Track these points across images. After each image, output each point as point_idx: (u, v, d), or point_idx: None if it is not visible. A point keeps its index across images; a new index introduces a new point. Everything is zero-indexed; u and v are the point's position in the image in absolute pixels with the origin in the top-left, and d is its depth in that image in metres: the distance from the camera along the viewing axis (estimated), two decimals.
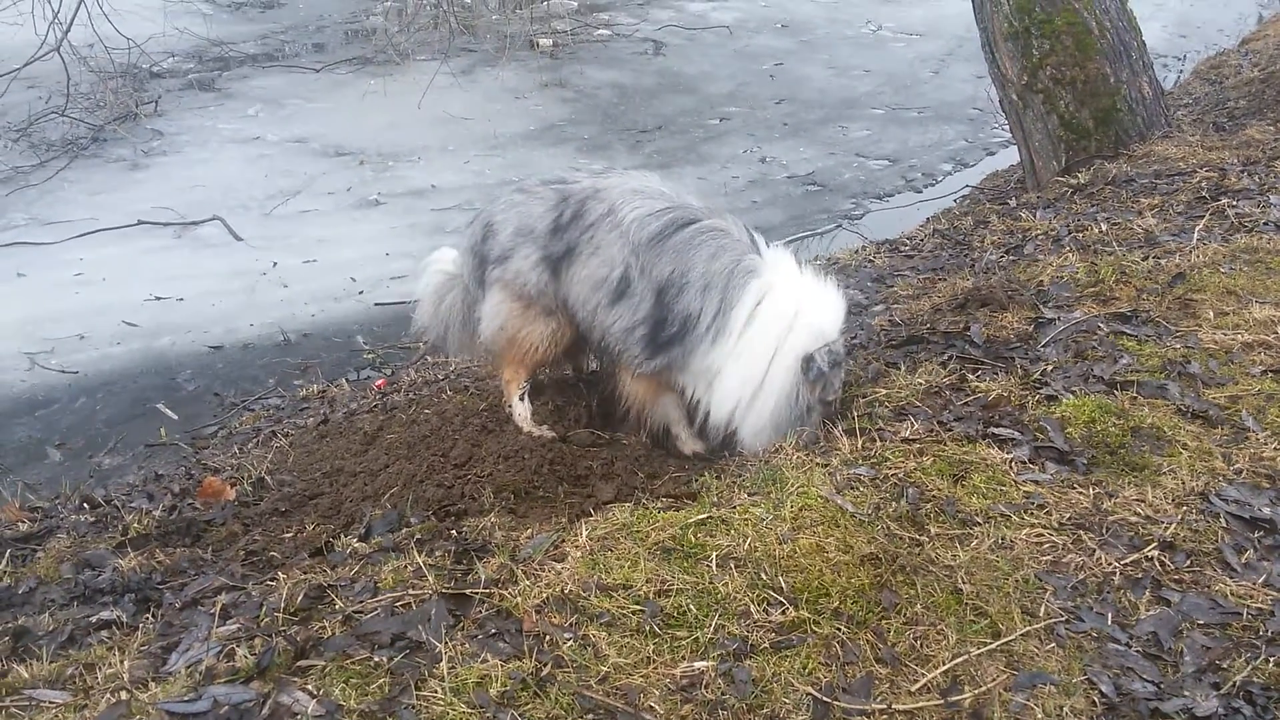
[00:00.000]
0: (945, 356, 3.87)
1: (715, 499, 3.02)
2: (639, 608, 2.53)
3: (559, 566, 2.70)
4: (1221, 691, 2.30)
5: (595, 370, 4.22)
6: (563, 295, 3.57)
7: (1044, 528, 2.83)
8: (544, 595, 2.57)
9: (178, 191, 8.63)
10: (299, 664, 2.35)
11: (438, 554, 2.82)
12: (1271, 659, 2.38)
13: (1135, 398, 3.39)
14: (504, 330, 3.68)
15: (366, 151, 9.76)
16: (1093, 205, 5.64)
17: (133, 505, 3.87)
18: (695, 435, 3.74)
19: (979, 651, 2.41)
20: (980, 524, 2.85)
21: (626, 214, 3.45)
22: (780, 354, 3.35)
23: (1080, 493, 2.98)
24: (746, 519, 2.86)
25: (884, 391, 3.66)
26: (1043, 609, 2.54)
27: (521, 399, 3.73)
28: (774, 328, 3.34)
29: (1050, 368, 3.65)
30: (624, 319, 3.46)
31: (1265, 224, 4.75)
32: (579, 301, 3.54)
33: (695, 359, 3.40)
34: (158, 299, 6.87)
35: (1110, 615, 2.53)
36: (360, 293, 6.96)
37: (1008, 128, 7.31)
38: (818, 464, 3.18)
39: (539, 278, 3.57)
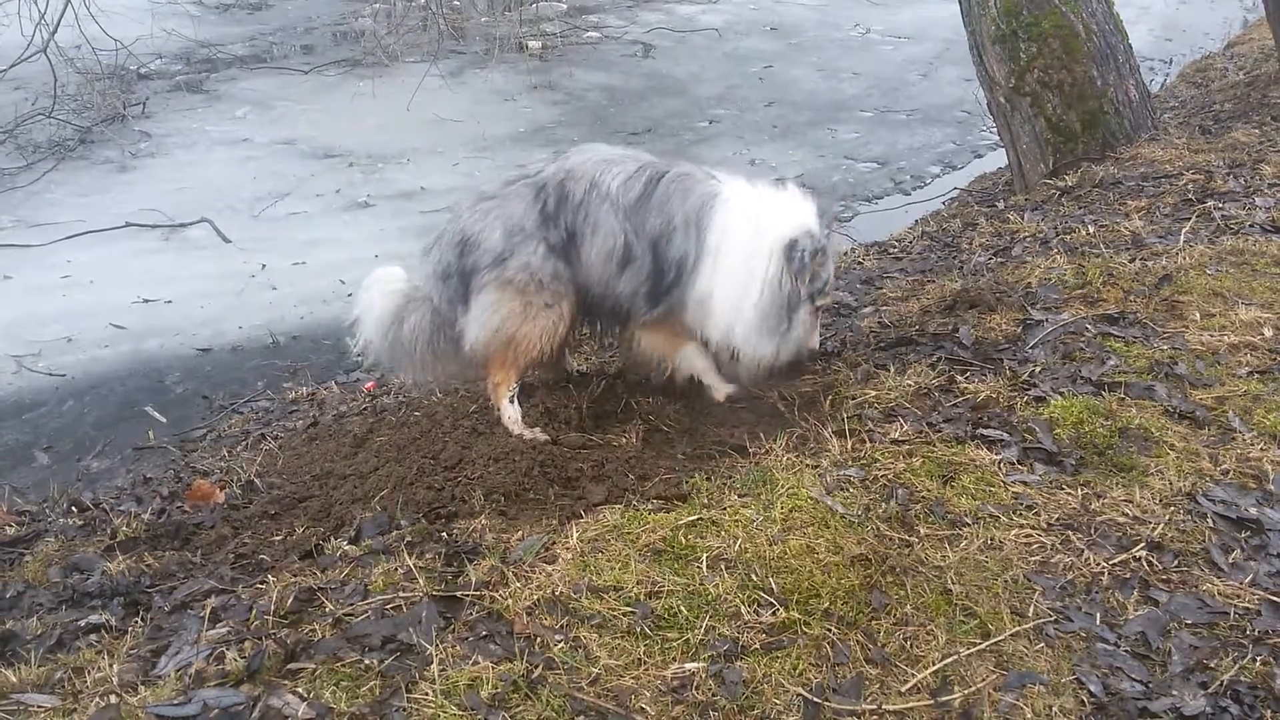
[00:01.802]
0: (934, 358, 3.88)
1: (706, 500, 3.02)
2: (630, 609, 2.53)
3: (550, 568, 2.70)
4: (1209, 691, 2.31)
5: (583, 371, 4.22)
6: (581, 279, 3.64)
7: (1033, 528, 2.84)
8: (535, 597, 2.57)
9: (166, 193, 8.60)
10: (289, 667, 2.35)
11: (428, 556, 2.81)
12: (1258, 658, 2.39)
13: (1123, 399, 3.42)
14: (501, 331, 3.62)
15: (355, 153, 9.74)
16: (1080, 207, 5.67)
17: (121, 508, 3.85)
18: (723, 379, 3.87)
19: (968, 652, 2.43)
20: (969, 525, 2.86)
21: (611, 183, 3.57)
22: (754, 255, 3.47)
23: (1068, 493, 2.99)
24: (737, 520, 2.87)
25: (873, 393, 3.67)
26: (1032, 609, 2.55)
27: (511, 401, 3.72)
28: (743, 234, 3.48)
29: (1038, 369, 3.67)
30: (630, 282, 3.61)
31: (1251, 226, 4.78)
32: (596, 279, 3.63)
33: (690, 294, 3.56)
34: (146, 301, 6.84)
35: (1099, 615, 2.54)
36: (349, 295, 6.87)
37: (995, 130, 7.35)
38: (808, 465, 3.19)
39: (552, 267, 3.57)
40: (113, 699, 2.30)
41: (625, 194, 3.54)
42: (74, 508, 3.95)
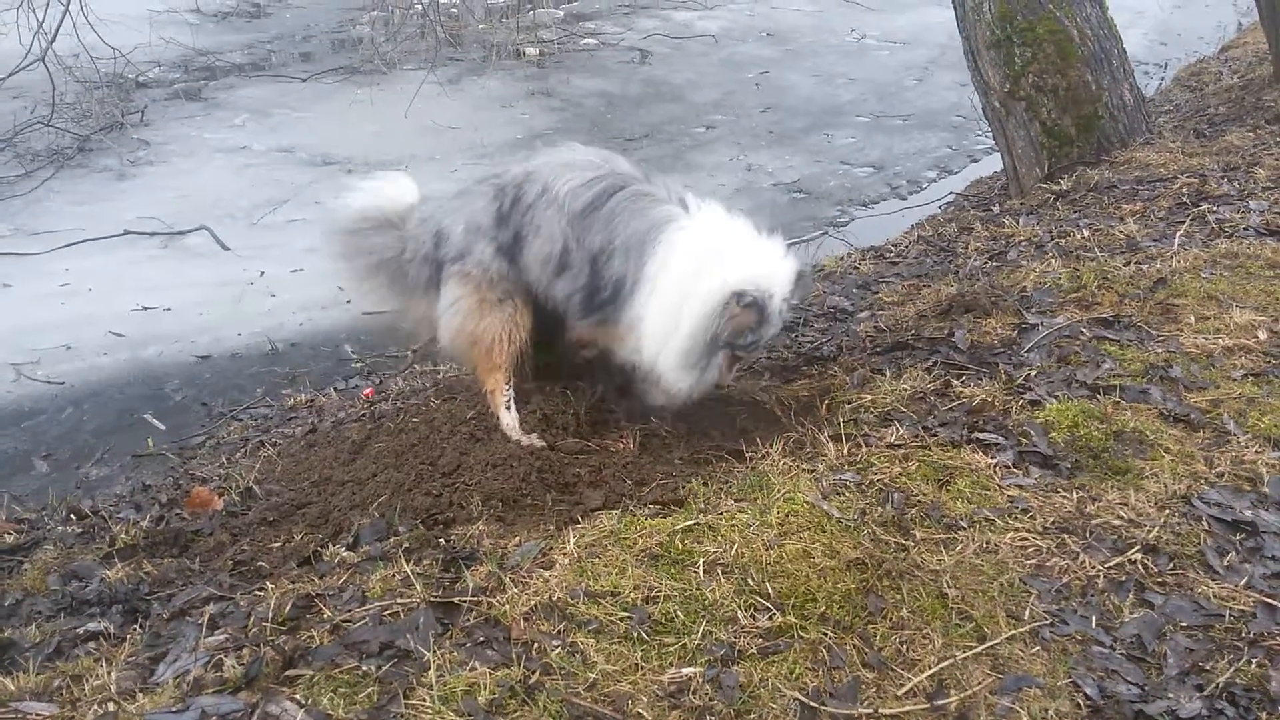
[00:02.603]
0: (930, 362, 3.90)
1: (702, 505, 3.03)
2: (627, 614, 2.54)
3: (547, 574, 2.71)
4: (1205, 693, 2.32)
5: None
6: (524, 280, 3.66)
7: (1028, 532, 2.85)
8: (532, 603, 2.58)
9: (164, 201, 8.60)
10: (287, 673, 2.35)
11: (426, 562, 2.82)
12: (1254, 660, 2.40)
13: (1118, 402, 3.43)
14: (462, 330, 3.71)
15: (354, 160, 9.76)
16: (1075, 211, 5.69)
17: (120, 516, 3.85)
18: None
19: (964, 655, 2.43)
20: (965, 528, 2.87)
21: (560, 189, 3.54)
22: (693, 294, 3.37)
23: (1064, 497, 3.00)
24: (733, 525, 2.88)
25: (869, 397, 3.69)
26: (1027, 612, 2.56)
27: (508, 408, 3.73)
28: (685, 269, 3.38)
29: (1034, 373, 3.68)
30: (565, 288, 3.59)
31: (1245, 229, 4.80)
32: (536, 281, 3.64)
33: (624, 313, 3.50)
34: (144, 309, 6.85)
35: (1094, 618, 2.55)
36: (348, 302, 6.93)
37: (991, 135, 7.37)
38: (804, 470, 3.20)
39: (499, 266, 3.65)
40: (111, 706, 2.31)
41: (572, 201, 3.51)
42: (73, 515, 3.96)
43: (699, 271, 3.37)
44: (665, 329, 3.42)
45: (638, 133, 10.74)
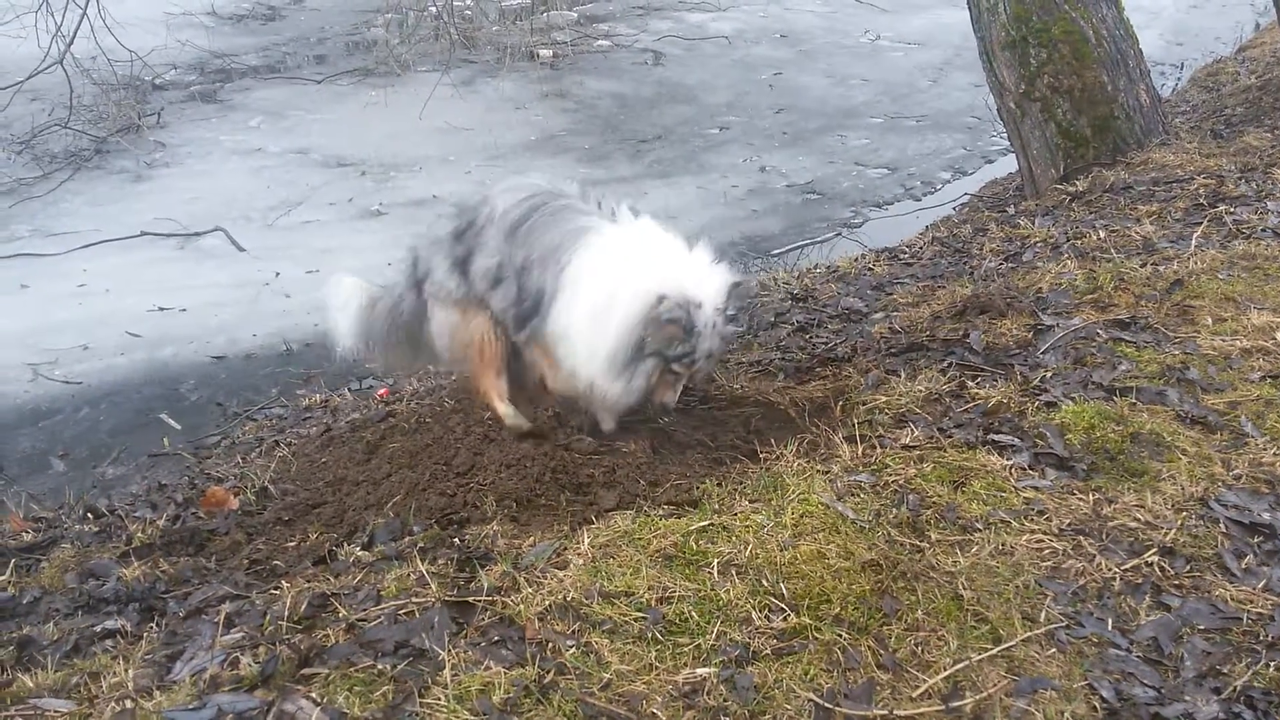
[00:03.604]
0: (945, 363, 3.88)
1: (716, 506, 3.03)
2: (641, 615, 2.54)
3: (561, 574, 2.71)
4: (1222, 696, 2.31)
5: None
6: (474, 293, 3.76)
7: (1044, 534, 2.84)
8: (546, 603, 2.58)
9: (180, 203, 8.66)
10: (303, 672, 2.36)
11: (440, 562, 2.83)
12: (1272, 664, 2.39)
13: (1134, 404, 3.41)
14: (455, 338, 3.85)
15: (368, 162, 9.80)
16: (1091, 213, 5.66)
17: (136, 515, 3.87)
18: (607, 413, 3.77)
19: (980, 657, 2.43)
20: (980, 530, 2.86)
21: (499, 209, 3.66)
22: (616, 299, 3.35)
23: (1080, 499, 2.99)
24: (748, 526, 2.88)
25: (884, 399, 3.68)
26: (1043, 614, 2.55)
27: (501, 399, 3.86)
28: (603, 275, 3.38)
29: (1049, 374, 3.66)
30: (499, 301, 3.69)
31: (1263, 230, 4.77)
32: (481, 294, 3.74)
33: (547, 325, 3.53)
34: (160, 309, 6.89)
35: (1111, 621, 2.54)
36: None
37: (1006, 136, 7.35)
38: (818, 471, 3.19)
39: (454, 280, 3.78)
40: (128, 704, 2.32)
41: (504, 219, 3.62)
42: (90, 514, 3.98)
43: (623, 276, 3.37)
44: (590, 332, 3.42)
45: (651, 134, 10.74)
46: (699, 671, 2.37)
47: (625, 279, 3.36)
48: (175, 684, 2.39)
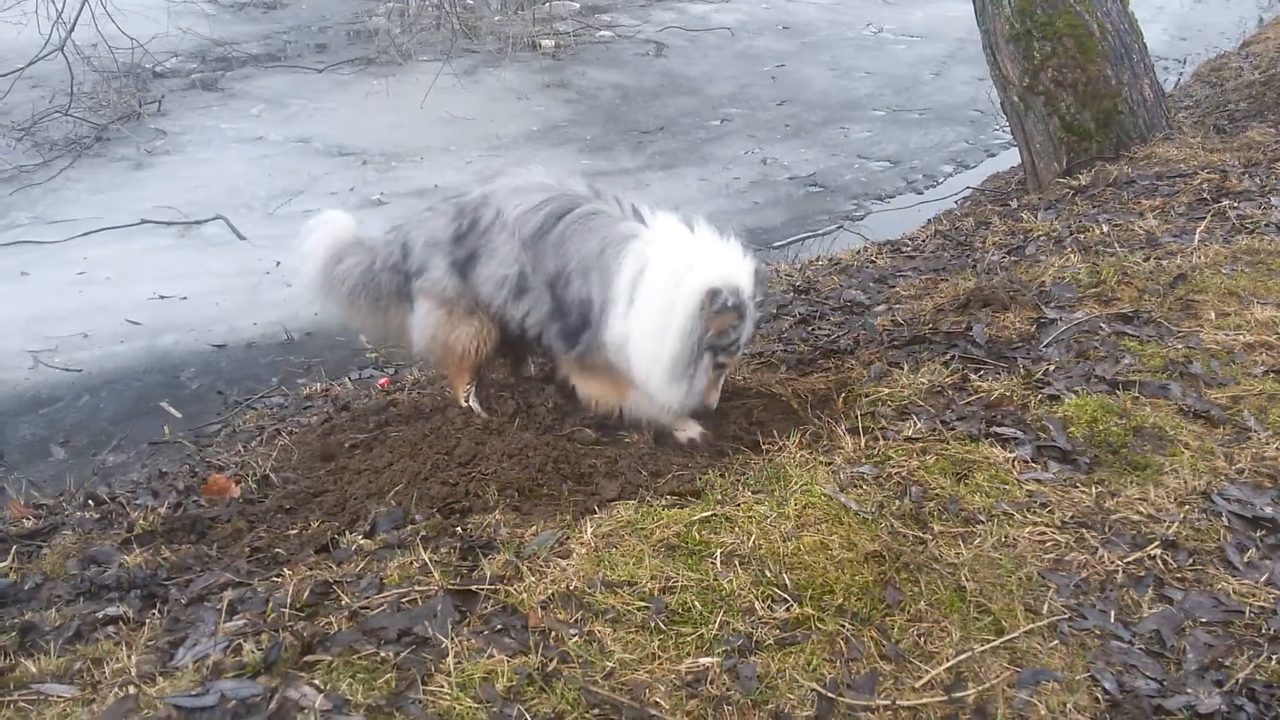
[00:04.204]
0: (948, 356, 3.88)
1: (719, 496, 3.03)
2: (644, 604, 2.54)
3: (564, 563, 2.71)
4: (1224, 689, 2.31)
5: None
6: (474, 295, 3.74)
7: (1047, 526, 2.84)
8: (549, 592, 2.58)
9: (181, 191, 8.65)
10: (306, 659, 2.36)
11: (443, 550, 2.83)
12: (1274, 657, 2.39)
13: (1137, 398, 3.41)
14: (436, 339, 3.87)
15: (369, 151, 9.78)
16: (1094, 207, 5.66)
17: (138, 502, 3.87)
18: (688, 420, 3.72)
19: (982, 648, 2.43)
20: (983, 522, 2.86)
21: (510, 214, 3.59)
22: (675, 302, 3.34)
23: (1083, 492, 2.99)
24: (751, 516, 2.88)
25: (887, 391, 3.68)
26: (1046, 606, 2.55)
27: (468, 399, 3.94)
28: (660, 280, 3.37)
29: (1052, 368, 3.66)
30: (533, 313, 3.64)
31: (1266, 225, 4.76)
32: (488, 299, 3.72)
33: (605, 337, 3.48)
34: (161, 298, 6.88)
35: (1113, 613, 2.54)
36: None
37: (1009, 129, 7.34)
38: (821, 462, 3.19)
39: (452, 281, 3.76)
40: (131, 690, 2.32)
41: (521, 226, 3.55)
42: (91, 501, 3.98)
43: (675, 280, 3.35)
44: (654, 342, 3.40)
45: (653, 125, 10.72)
46: (702, 661, 2.37)
47: (680, 284, 3.34)
48: (178, 670, 2.39)
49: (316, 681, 2.27)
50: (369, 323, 4.29)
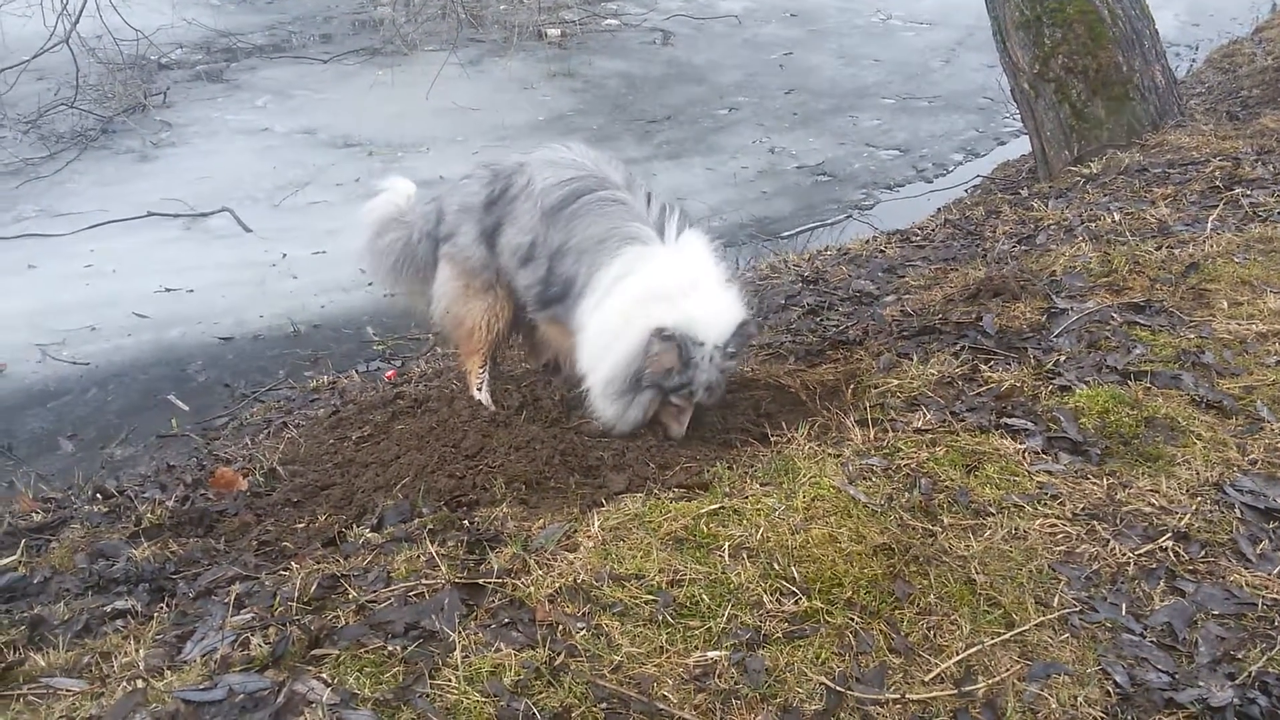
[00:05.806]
0: (958, 347, 3.86)
1: (727, 489, 3.02)
2: (651, 597, 2.53)
3: (571, 556, 2.70)
4: (1236, 682, 2.29)
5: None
6: (497, 265, 3.76)
7: (1057, 518, 2.82)
8: (556, 585, 2.57)
9: (187, 183, 8.64)
10: (313, 653, 2.36)
11: (450, 544, 2.82)
12: None
13: (1149, 388, 3.38)
14: (449, 312, 3.93)
15: (375, 142, 9.76)
16: (1105, 195, 5.61)
17: (145, 496, 3.88)
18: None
19: (992, 641, 2.41)
20: (993, 514, 2.84)
21: (538, 185, 3.61)
22: (628, 326, 3.33)
23: (1094, 483, 2.97)
24: (759, 509, 2.86)
25: (896, 382, 3.65)
26: (1056, 599, 2.54)
27: (479, 389, 3.96)
28: (630, 295, 3.36)
29: (1063, 358, 3.63)
30: (527, 279, 3.68)
31: (1279, 213, 4.71)
32: (507, 268, 3.75)
33: (572, 315, 3.53)
34: (168, 290, 6.88)
35: (1124, 606, 2.52)
36: (370, 284, 6.94)
37: (1019, 117, 7.29)
38: (830, 454, 3.18)
39: (479, 251, 3.78)
40: (139, 683, 2.32)
41: (545, 198, 3.56)
42: (99, 495, 3.99)
43: (642, 304, 3.34)
44: (599, 350, 3.43)
45: (660, 114, 10.67)
46: (710, 654, 2.36)
47: (639, 308, 3.33)
48: (186, 664, 2.39)
49: (324, 675, 2.27)
50: (418, 298, 4.27)
